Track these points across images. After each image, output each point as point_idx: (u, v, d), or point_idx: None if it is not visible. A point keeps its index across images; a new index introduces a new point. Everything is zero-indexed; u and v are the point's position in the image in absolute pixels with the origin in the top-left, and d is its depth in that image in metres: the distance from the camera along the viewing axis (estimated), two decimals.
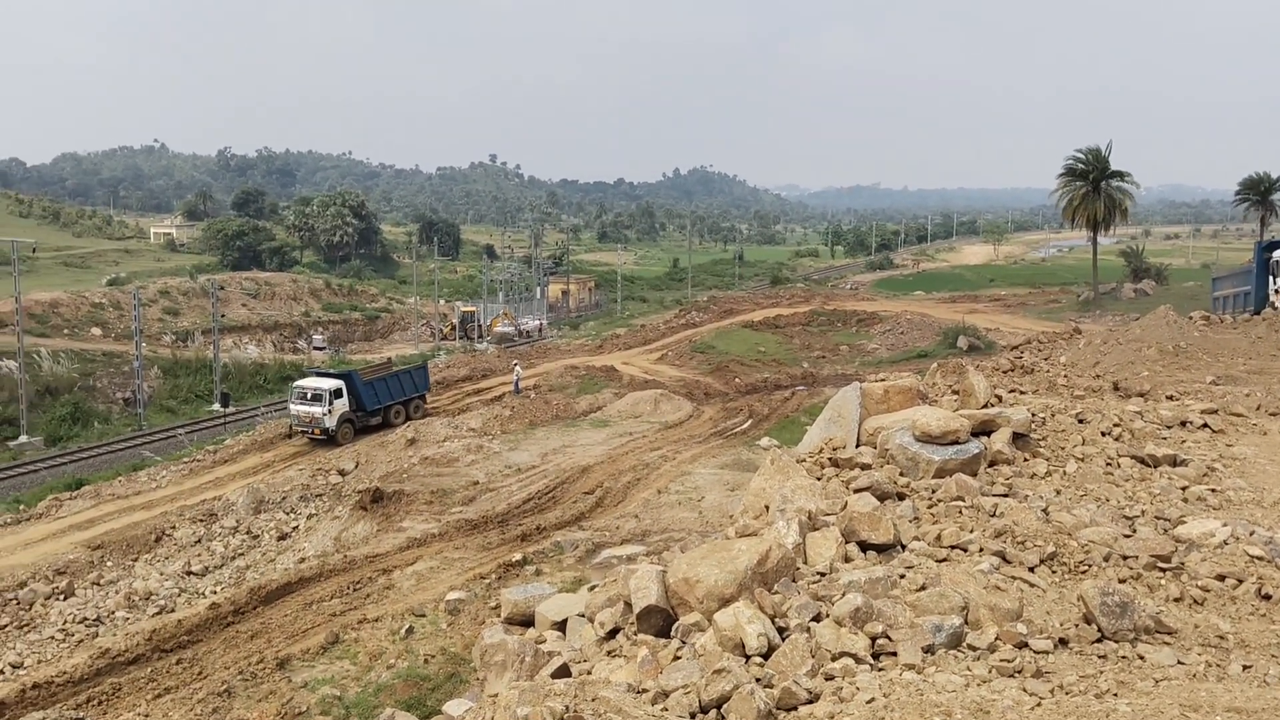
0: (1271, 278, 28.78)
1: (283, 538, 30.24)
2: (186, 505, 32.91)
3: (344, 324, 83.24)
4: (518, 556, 24.56)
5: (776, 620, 6.29)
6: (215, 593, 26.14)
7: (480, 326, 79.33)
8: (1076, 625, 6.14)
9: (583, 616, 9.30)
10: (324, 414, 40.81)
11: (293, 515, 31.70)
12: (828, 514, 8.34)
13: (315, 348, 74.40)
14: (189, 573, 27.90)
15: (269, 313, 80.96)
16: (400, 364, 51.72)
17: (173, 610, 25.11)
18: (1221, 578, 7.29)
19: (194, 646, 21.68)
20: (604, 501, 29.92)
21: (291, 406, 42.05)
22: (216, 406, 52.17)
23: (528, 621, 11.77)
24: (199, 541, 29.92)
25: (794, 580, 6.92)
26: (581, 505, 29.64)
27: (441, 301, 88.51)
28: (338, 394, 41.49)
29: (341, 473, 34.93)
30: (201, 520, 31.23)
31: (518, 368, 52.35)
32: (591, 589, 10.52)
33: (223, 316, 65.27)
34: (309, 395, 41.27)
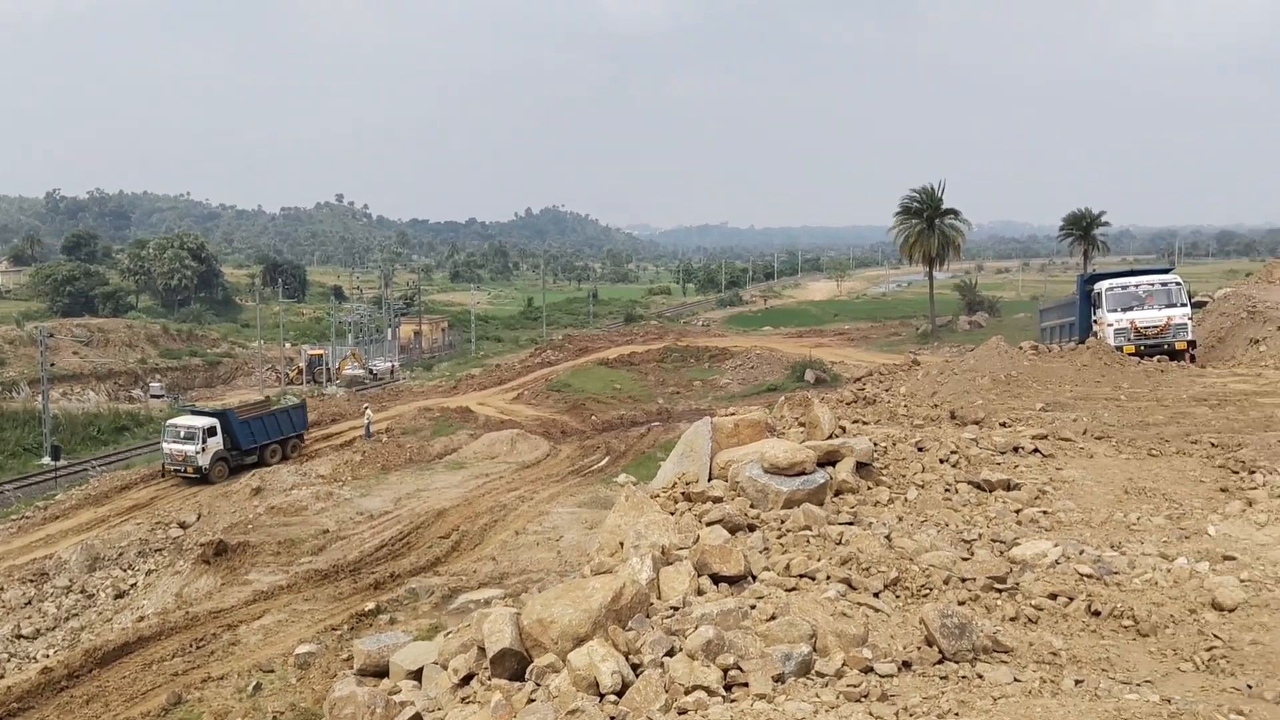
0: (1094, 309, 30.38)
1: (120, 596, 28.78)
2: (15, 565, 30.98)
3: (183, 370, 79.89)
4: (371, 605, 23.91)
5: (631, 657, 6.29)
6: (47, 656, 24.68)
7: (329, 369, 77.36)
8: (919, 648, 6.33)
9: (438, 664, 9.11)
10: (197, 452, 40.32)
11: (130, 572, 30.21)
12: (681, 548, 8.40)
13: (153, 395, 71.17)
14: (19, 636, 26.31)
15: (103, 361, 77.17)
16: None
17: (1, 676, 23.54)
18: (1054, 596, 7.62)
19: (25, 715, 20.35)
20: (460, 545, 29.46)
21: (164, 445, 41.46)
22: (46, 460, 49.40)
23: (382, 672, 11.44)
24: (29, 603, 28.23)
25: (648, 616, 6.94)
26: (437, 550, 29.10)
27: (287, 344, 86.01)
28: (211, 432, 41.05)
29: (182, 525, 33.49)
30: (32, 580, 29.48)
31: (368, 411, 51.21)
32: (446, 635, 10.32)
33: (52, 365, 61.79)
34: (182, 434, 40.72)
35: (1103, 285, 30.25)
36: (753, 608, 6.91)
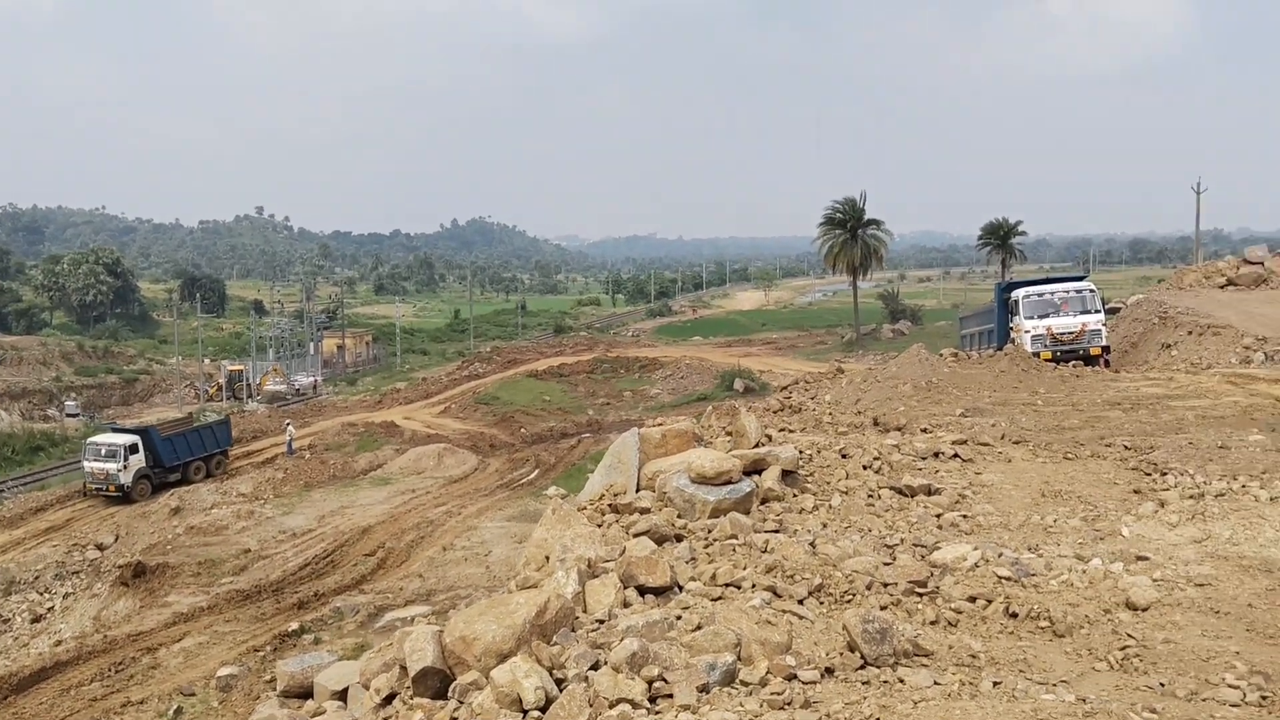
0: (1011, 316, 30.98)
1: (36, 620, 28.00)
2: None
3: (100, 388, 77.81)
4: (294, 626, 23.52)
5: (555, 672, 6.24)
6: None
7: (250, 385, 75.91)
8: (842, 653, 6.37)
9: (361, 684, 8.95)
10: (119, 470, 39.64)
11: (47, 595, 29.38)
12: (607, 560, 8.37)
13: (68, 414, 69.20)
14: None
15: (16, 379, 74.84)
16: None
17: None
18: (973, 599, 7.73)
19: None
20: (387, 562, 29.10)
21: (85, 464, 40.79)
22: None
23: (306, 693, 11.24)
24: None
25: (573, 630, 6.89)
26: (362, 568, 28.72)
27: (207, 360, 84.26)
28: (133, 450, 40.39)
29: (100, 547, 32.64)
30: None
31: (290, 427, 50.38)
32: (369, 655, 10.16)
33: None
34: (104, 452, 40.05)
35: (1020, 293, 30.87)
36: (678, 618, 6.91)
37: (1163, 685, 6.24)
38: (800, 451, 12.06)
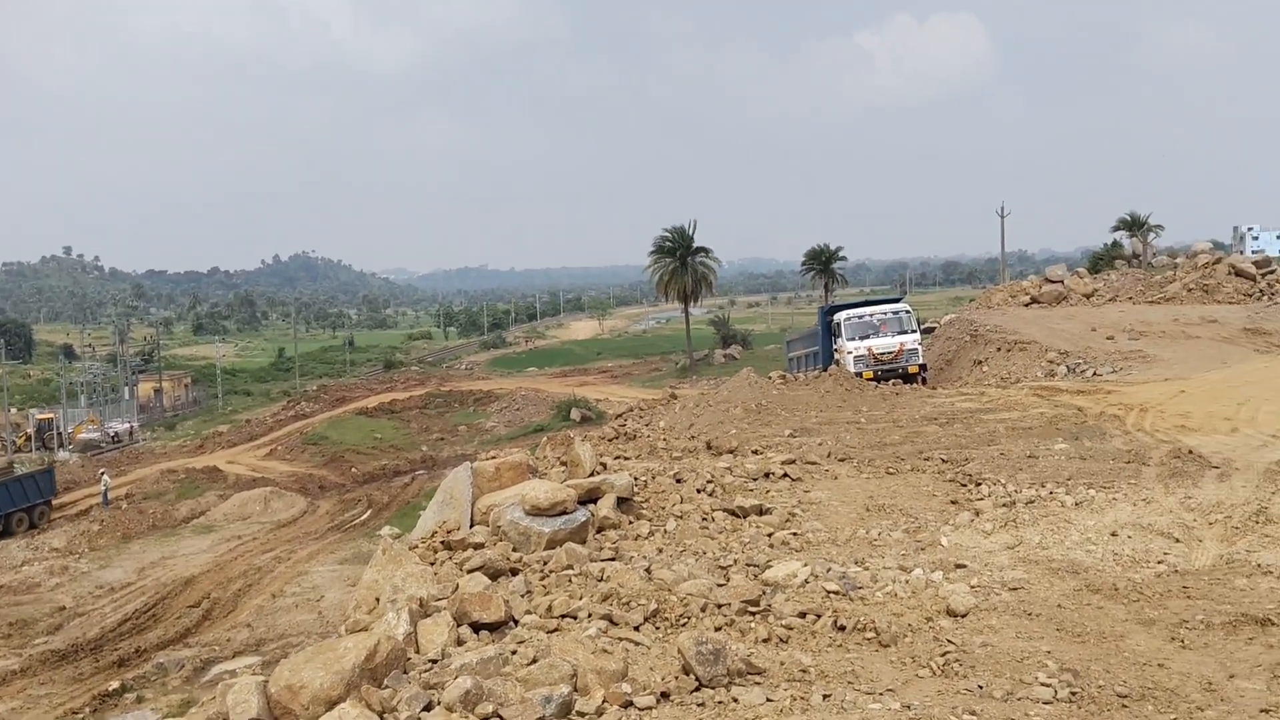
0: (834, 338, 32.07)
1: None
2: None
3: None
4: (115, 685, 22.21)
5: (386, 716, 6.06)
6: None
7: (61, 434, 71.51)
8: (677, 677, 6.42)
9: None
10: None
11: None
12: (440, 599, 8.21)
13: None
14: None
15: None
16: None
17: None
18: (803, 615, 7.91)
19: None
20: (213, 613, 27.84)
21: None
22: None
23: None
24: None
25: (405, 672, 6.72)
26: (187, 620, 27.40)
27: (13, 410, 78.96)
28: None
29: None
30: None
31: (105, 477, 47.71)
32: (192, 711, 9.66)
33: None
34: None
35: (841, 316, 32.00)
36: (514, 653, 6.82)
37: (981, 688, 6.52)
38: (635, 478, 12.14)
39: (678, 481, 12.71)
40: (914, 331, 31.29)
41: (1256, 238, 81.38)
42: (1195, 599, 8.26)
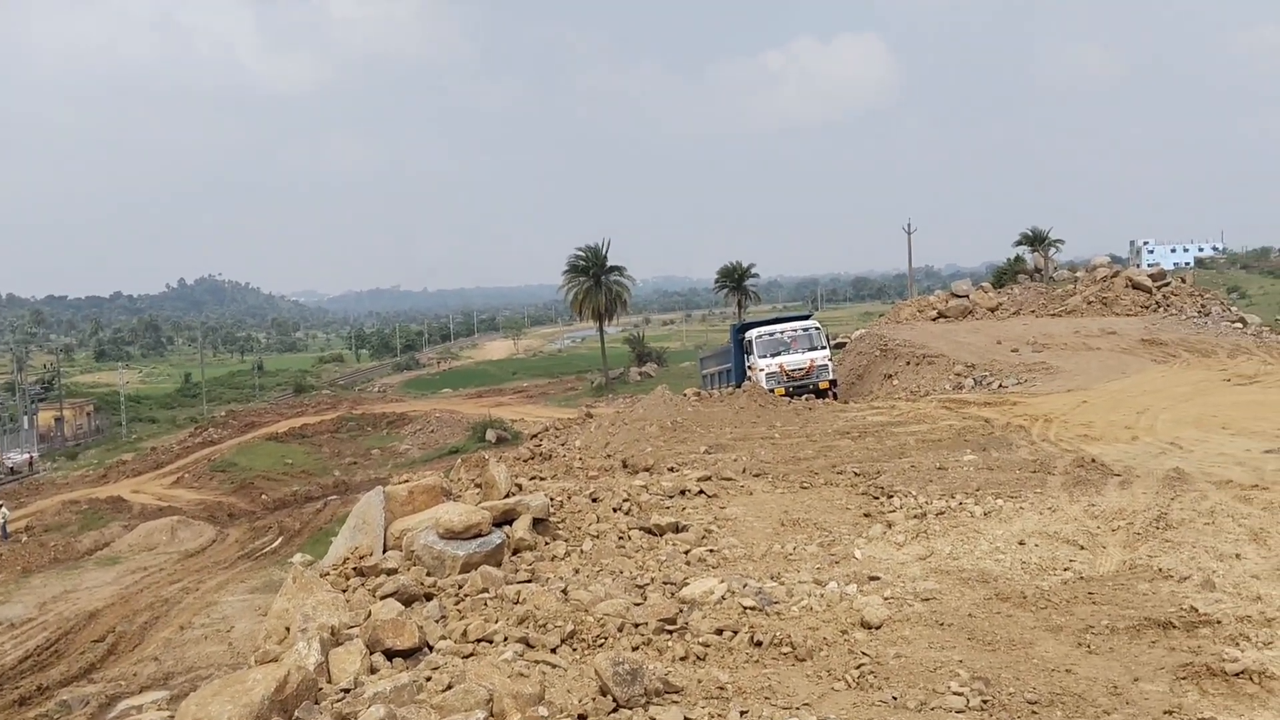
0: (747, 355, 32.37)
1: None
2: None
3: None
4: None
5: None
6: None
7: None
8: (594, 699, 6.36)
9: None
10: None
11: None
12: (352, 626, 8.06)
13: None
14: None
15: None
16: None
17: None
18: (720, 631, 7.92)
19: None
20: (118, 648, 26.93)
21: None
22: None
23: None
24: None
25: (316, 702, 6.56)
26: (91, 655, 26.44)
27: None
28: None
29: None
30: None
31: (3, 509, 45.99)
32: None
33: None
34: None
35: (753, 333, 32.31)
36: (428, 679, 6.71)
37: (895, 698, 6.59)
38: (551, 499, 12.07)
39: (594, 501, 12.67)
40: (824, 348, 31.72)
41: (1152, 251, 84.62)
42: (1100, 604, 8.46)
